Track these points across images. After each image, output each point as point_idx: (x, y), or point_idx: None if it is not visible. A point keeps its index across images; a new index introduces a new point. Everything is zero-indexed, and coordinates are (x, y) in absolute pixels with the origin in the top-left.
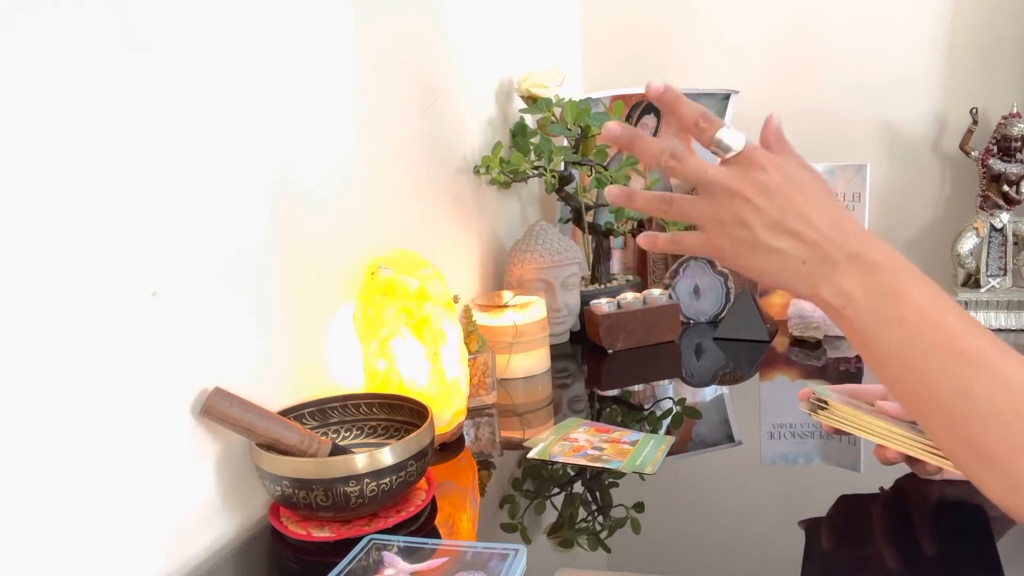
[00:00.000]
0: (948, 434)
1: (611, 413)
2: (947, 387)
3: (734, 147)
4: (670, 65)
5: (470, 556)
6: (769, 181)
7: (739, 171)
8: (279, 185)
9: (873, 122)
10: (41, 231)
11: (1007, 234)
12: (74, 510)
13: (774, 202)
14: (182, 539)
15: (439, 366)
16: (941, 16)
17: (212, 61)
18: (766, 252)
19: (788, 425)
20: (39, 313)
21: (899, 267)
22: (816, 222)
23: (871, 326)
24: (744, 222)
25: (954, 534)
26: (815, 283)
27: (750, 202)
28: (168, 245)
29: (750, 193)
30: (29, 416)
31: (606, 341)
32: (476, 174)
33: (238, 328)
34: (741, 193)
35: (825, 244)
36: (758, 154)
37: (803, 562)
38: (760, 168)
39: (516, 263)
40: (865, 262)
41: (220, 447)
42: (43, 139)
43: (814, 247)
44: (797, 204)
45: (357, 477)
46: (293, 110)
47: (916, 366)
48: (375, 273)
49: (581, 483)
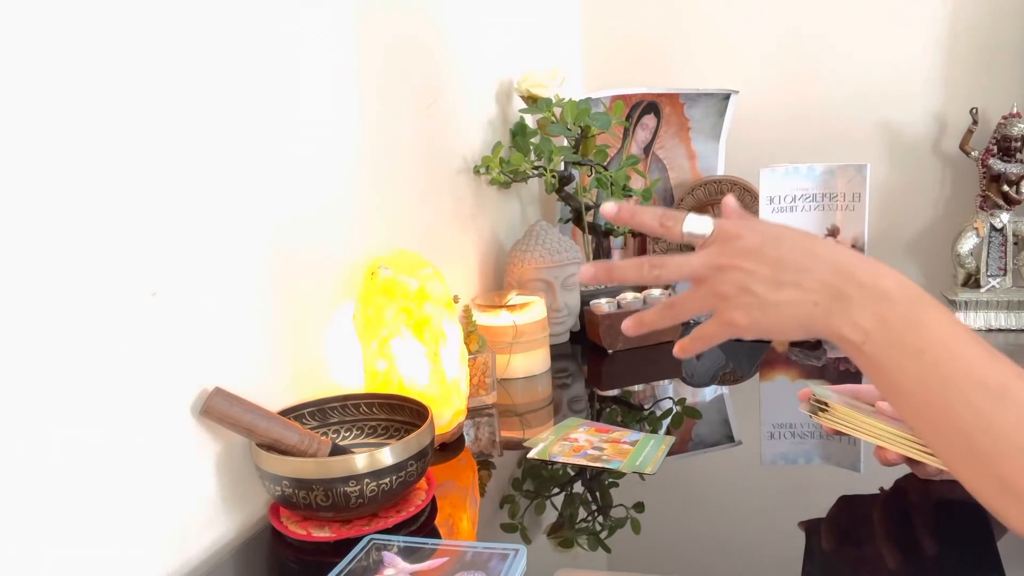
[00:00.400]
0: (970, 467)
1: (611, 413)
2: (968, 419)
3: (704, 231)
4: (670, 65)
5: (470, 556)
6: (750, 243)
7: (718, 248)
8: (279, 185)
9: (873, 122)
10: (42, 231)
11: (1007, 234)
12: (74, 510)
13: (764, 260)
14: (182, 539)
15: (439, 366)
16: (941, 16)
17: (213, 62)
18: (776, 307)
19: (788, 425)
20: (39, 313)
21: (913, 295)
22: (812, 264)
23: (890, 359)
24: (745, 288)
25: (954, 534)
26: (831, 321)
27: (741, 268)
28: (168, 245)
29: (738, 261)
30: (29, 416)
31: (606, 341)
32: (476, 174)
33: (238, 328)
34: (728, 264)
35: (832, 280)
36: (727, 226)
37: (803, 562)
38: (736, 236)
39: (516, 263)
40: (878, 292)
41: (220, 447)
42: (43, 139)
43: (820, 287)
44: (786, 253)
45: (357, 477)
46: (294, 110)
47: (936, 399)
48: (375, 273)
49: (581, 483)
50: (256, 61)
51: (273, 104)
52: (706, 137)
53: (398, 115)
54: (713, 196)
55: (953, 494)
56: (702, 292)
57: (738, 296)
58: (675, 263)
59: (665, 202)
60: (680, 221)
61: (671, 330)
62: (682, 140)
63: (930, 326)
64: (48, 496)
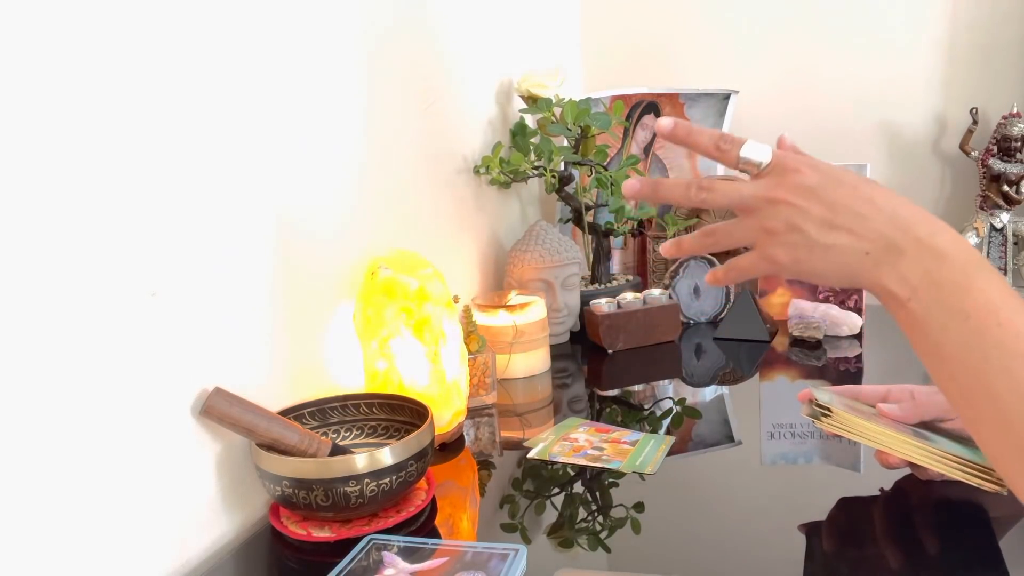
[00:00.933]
0: (999, 437)
1: (611, 413)
2: (1006, 388)
3: (762, 160)
4: (670, 65)
5: (470, 556)
6: (807, 180)
7: (774, 180)
8: (279, 185)
9: (873, 122)
10: (42, 231)
11: (1007, 234)
12: (74, 510)
13: (819, 200)
14: (182, 539)
15: (439, 366)
16: (941, 16)
17: (214, 62)
18: (824, 251)
19: (788, 425)
20: (40, 313)
21: (968, 258)
22: (869, 212)
23: (934, 319)
24: (795, 226)
25: (954, 534)
26: (879, 273)
27: (795, 205)
28: (168, 245)
29: (792, 197)
30: (29, 416)
31: (606, 341)
32: (476, 174)
33: (238, 328)
34: (783, 199)
35: (888, 232)
36: (788, 159)
37: (804, 562)
38: (794, 171)
39: (516, 263)
40: (933, 250)
41: (220, 447)
42: (44, 139)
43: (876, 237)
44: (844, 197)
45: (357, 477)
46: (294, 110)
47: (976, 364)
48: (375, 273)
49: (581, 483)
50: (256, 61)
51: (273, 104)
52: None
53: (398, 115)
54: None
55: (953, 494)
56: (748, 223)
57: (786, 233)
58: (724, 188)
59: (665, 204)
60: (738, 145)
61: (671, 330)
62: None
63: (980, 290)
64: (48, 496)
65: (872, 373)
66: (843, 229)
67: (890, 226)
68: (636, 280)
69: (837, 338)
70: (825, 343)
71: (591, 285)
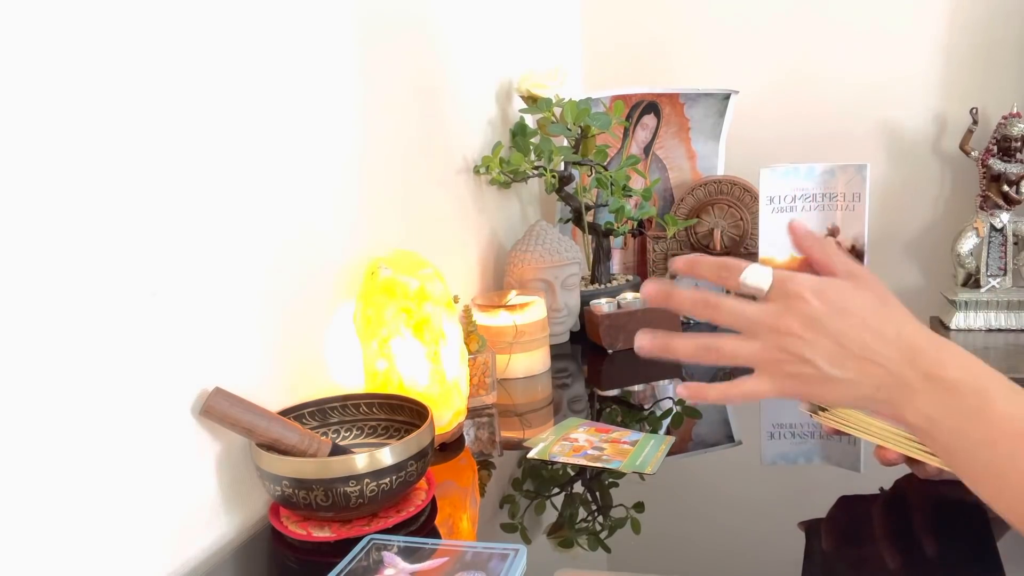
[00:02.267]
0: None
1: (611, 413)
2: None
3: (762, 285)
4: (670, 65)
5: (470, 556)
6: (813, 312)
7: (779, 307)
8: (279, 185)
9: (873, 122)
10: (42, 231)
11: (1007, 234)
12: (74, 510)
13: (826, 333)
14: (182, 539)
15: (439, 366)
16: (941, 16)
17: (214, 62)
18: (836, 384)
19: (788, 425)
20: (40, 313)
21: (981, 383)
22: (878, 346)
23: (960, 448)
24: (804, 359)
25: (954, 534)
26: (896, 408)
27: (802, 338)
28: (168, 245)
29: (798, 329)
30: (29, 416)
31: (606, 341)
32: (476, 174)
33: (238, 328)
34: (788, 331)
35: (896, 368)
36: (790, 284)
37: (804, 562)
38: (798, 298)
39: (516, 263)
40: (943, 383)
41: (220, 447)
42: (44, 139)
43: (885, 373)
44: (850, 329)
45: (357, 477)
46: (294, 110)
47: (1014, 485)
48: (375, 273)
49: (581, 483)
50: (255, 61)
51: (273, 104)
52: (706, 137)
53: (398, 115)
54: (713, 196)
55: (953, 494)
56: (754, 347)
57: (795, 365)
58: (729, 306)
59: (665, 202)
60: (737, 271)
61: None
62: (682, 140)
63: (999, 414)
64: (48, 496)
65: None
66: (852, 364)
67: (898, 361)
68: (636, 280)
69: None
70: None
71: (591, 285)
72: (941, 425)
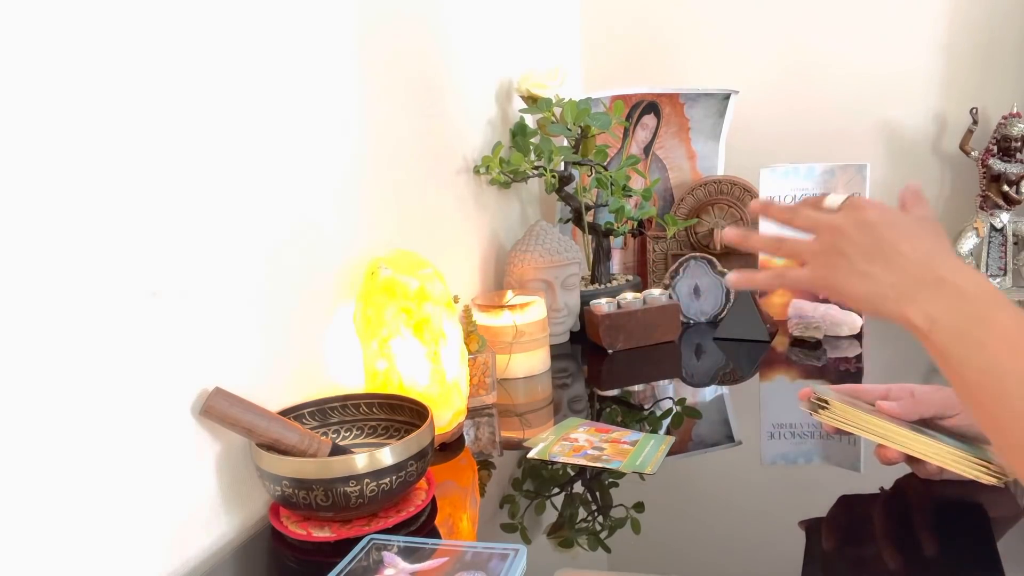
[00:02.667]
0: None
1: (611, 413)
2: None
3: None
4: (670, 65)
5: (470, 556)
6: (868, 217)
7: (843, 213)
8: (280, 185)
9: (873, 122)
10: (43, 231)
11: (1007, 234)
12: (74, 510)
13: (869, 234)
14: (182, 539)
15: (439, 366)
16: (941, 16)
17: (215, 63)
18: (859, 277)
19: (788, 425)
20: (40, 313)
21: (987, 295)
22: (907, 250)
23: (955, 350)
24: (841, 252)
25: (954, 534)
26: (903, 305)
27: (848, 235)
28: (169, 245)
29: (849, 228)
30: (29, 416)
31: (606, 341)
32: (476, 174)
33: (238, 328)
34: (841, 228)
35: (914, 269)
36: (861, 199)
37: (803, 562)
38: (861, 208)
39: (516, 263)
40: (952, 287)
41: (220, 447)
42: (46, 140)
43: (903, 272)
44: (891, 236)
45: (357, 477)
46: (294, 111)
47: (998, 391)
48: (375, 273)
49: (581, 483)
50: (256, 62)
51: (274, 105)
52: (706, 137)
53: (398, 115)
54: (713, 196)
55: (953, 494)
56: (809, 245)
57: (833, 256)
58: (806, 214)
59: (665, 202)
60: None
61: (671, 330)
62: (682, 140)
63: (998, 321)
64: (48, 496)
65: (872, 373)
66: (879, 262)
67: (919, 265)
68: (636, 280)
69: (837, 338)
70: (825, 343)
71: (591, 285)
72: (942, 325)
